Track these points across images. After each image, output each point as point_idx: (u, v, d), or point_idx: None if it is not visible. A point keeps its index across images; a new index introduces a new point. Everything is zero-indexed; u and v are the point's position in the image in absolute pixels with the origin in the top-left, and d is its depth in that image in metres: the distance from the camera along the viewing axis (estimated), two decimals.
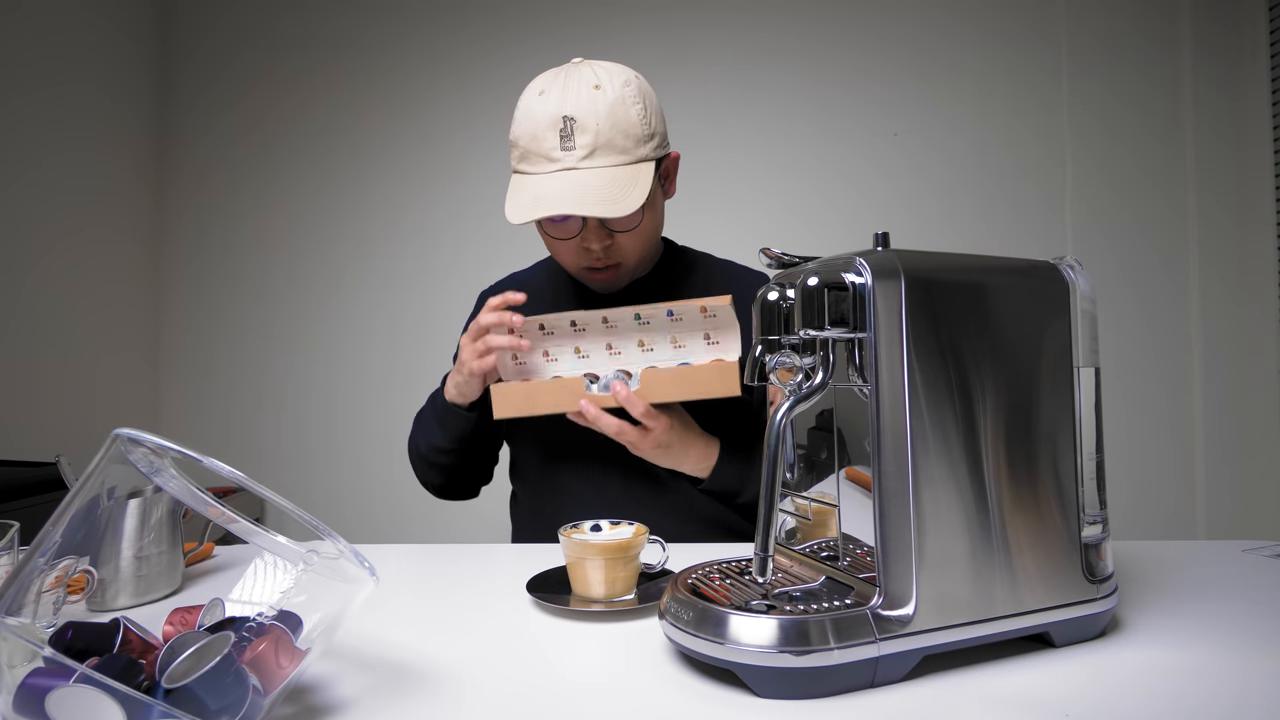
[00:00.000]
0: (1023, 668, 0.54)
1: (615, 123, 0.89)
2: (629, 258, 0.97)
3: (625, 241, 0.95)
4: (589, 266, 0.96)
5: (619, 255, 0.96)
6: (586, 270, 0.97)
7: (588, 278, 0.99)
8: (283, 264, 2.49)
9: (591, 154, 0.88)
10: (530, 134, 0.90)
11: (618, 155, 0.89)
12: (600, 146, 0.88)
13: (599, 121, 0.88)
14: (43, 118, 2.03)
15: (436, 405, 1.01)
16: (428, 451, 1.03)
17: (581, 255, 0.95)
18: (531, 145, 0.90)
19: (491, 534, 1.14)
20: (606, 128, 0.88)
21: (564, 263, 1.00)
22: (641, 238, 0.96)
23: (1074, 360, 0.58)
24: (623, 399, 0.84)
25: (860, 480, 0.55)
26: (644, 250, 0.99)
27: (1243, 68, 2.18)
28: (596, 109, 0.88)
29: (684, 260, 1.10)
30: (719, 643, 0.51)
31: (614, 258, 0.96)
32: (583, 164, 0.88)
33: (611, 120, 0.89)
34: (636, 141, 0.90)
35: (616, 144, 0.89)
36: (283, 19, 2.50)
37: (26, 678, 0.40)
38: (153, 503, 0.72)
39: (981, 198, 2.28)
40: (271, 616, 0.49)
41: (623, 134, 0.89)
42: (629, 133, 0.90)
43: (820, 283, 0.54)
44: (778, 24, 2.34)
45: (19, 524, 0.62)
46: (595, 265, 0.96)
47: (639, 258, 0.99)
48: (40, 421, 1.98)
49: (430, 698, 0.52)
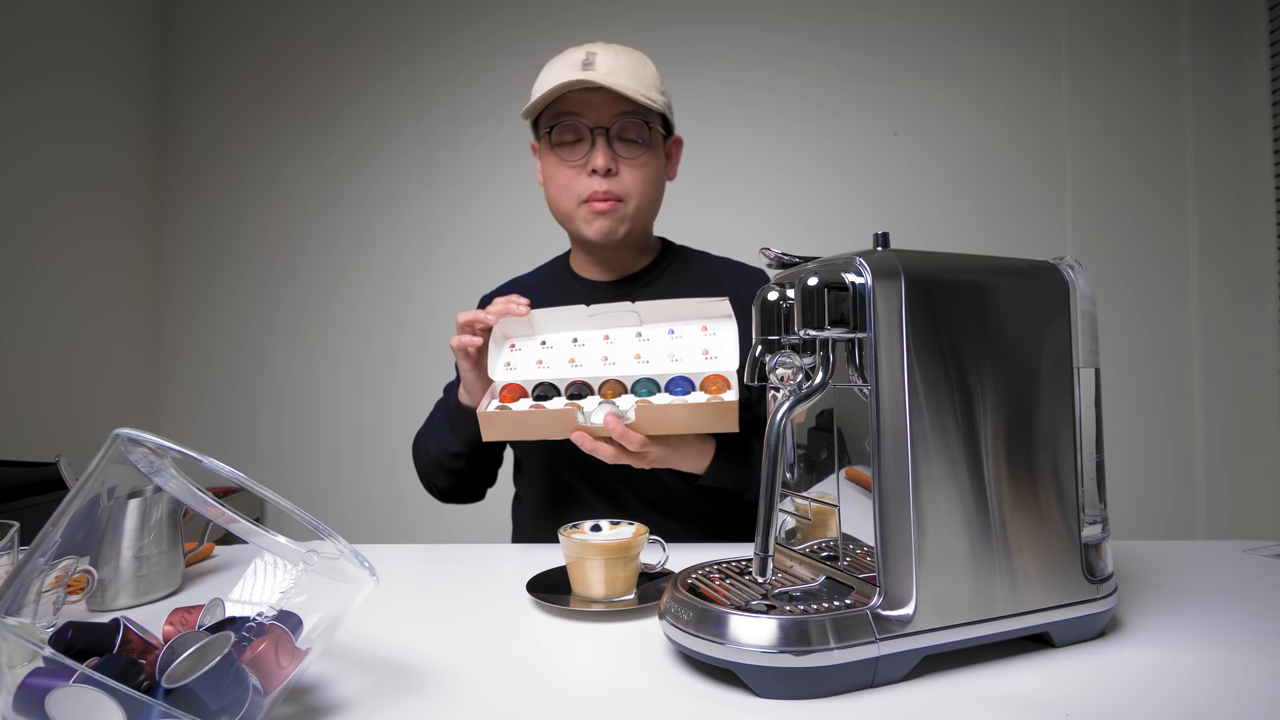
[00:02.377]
0: (1023, 668, 0.54)
1: (632, 67, 0.96)
2: (630, 197, 0.98)
3: (630, 175, 0.97)
4: (590, 200, 0.97)
5: (621, 189, 0.97)
6: (587, 207, 0.97)
7: (588, 216, 0.98)
8: (283, 263, 2.49)
9: (613, 73, 0.94)
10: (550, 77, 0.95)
11: (636, 83, 0.95)
12: (621, 71, 0.94)
13: (617, 58, 0.95)
14: (42, 116, 2.03)
15: (449, 409, 1.00)
16: (438, 455, 1.02)
17: (585, 184, 0.97)
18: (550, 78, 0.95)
19: (491, 534, 1.14)
20: (624, 63, 0.95)
21: (564, 203, 1.00)
22: (644, 183, 0.99)
23: (1074, 360, 0.58)
24: (618, 436, 0.82)
25: (860, 480, 0.55)
26: (643, 200, 1.00)
27: (1243, 68, 2.18)
28: (616, 52, 0.96)
29: (679, 257, 1.10)
30: (719, 643, 0.51)
31: (617, 190, 0.97)
32: (604, 79, 0.93)
33: (629, 62, 0.96)
34: (650, 88, 0.96)
35: (635, 74, 0.95)
36: (283, 16, 2.50)
37: (26, 678, 0.40)
38: (153, 503, 0.72)
39: (981, 198, 2.28)
40: (271, 616, 0.49)
41: (638, 79, 0.95)
42: (644, 79, 0.96)
43: (820, 283, 0.54)
44: (779, 24, 2.34)
45: (19, 524, 0.62)
46: (597, 195, 0.96)
47: (638, 204, 0.99)
48: (40, 421, 1.98)
49: (430, 698, 0.52)
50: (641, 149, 0.97)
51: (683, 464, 0.91)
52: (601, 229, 0.98)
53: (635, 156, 0.97)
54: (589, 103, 0.95)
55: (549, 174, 1.00)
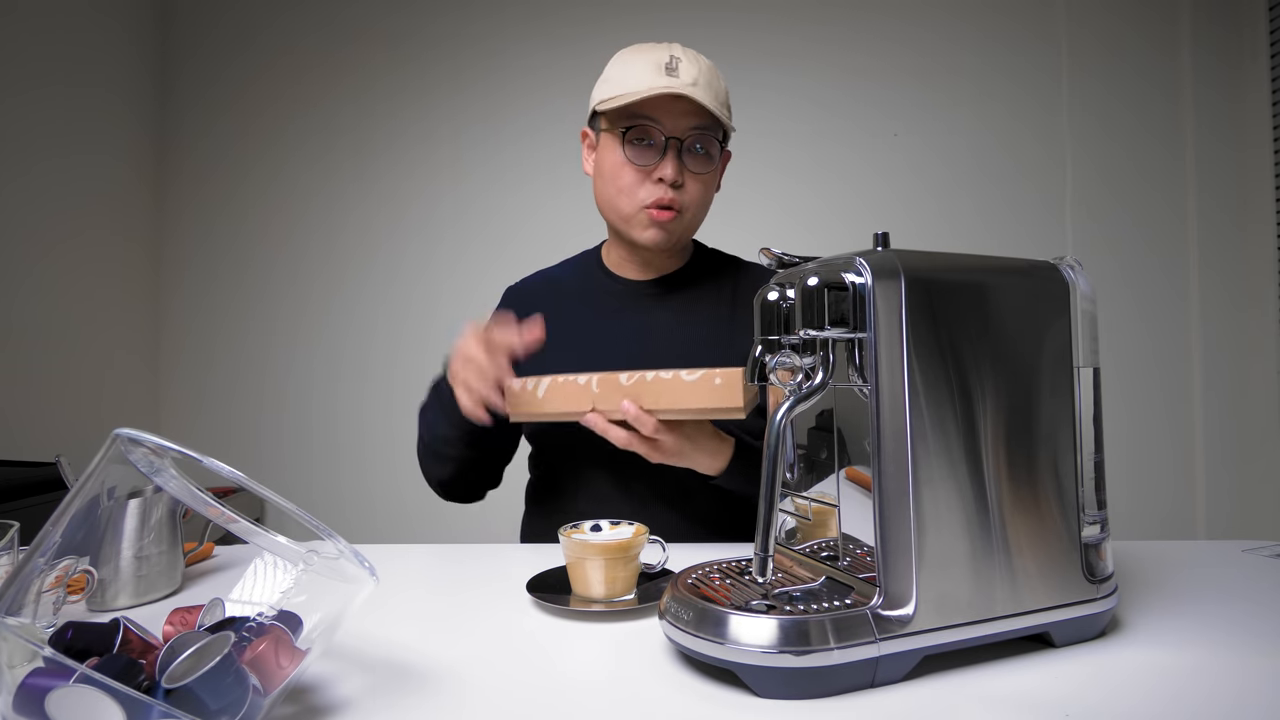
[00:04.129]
0: (1023, 668, 0.54)
1: (711, 80, 0.96)
2: (688, 209, 0.98)
3: (693, 188, 0.98)
4: (654, 205, 0.97)
5: (683, 200, 0.97)
6: (647, 213, 0.97)
7: (646, 222, 0.98)
8: (283, 263, 2.49)
9: (695, 85, 0.93)
10: (633, 75, 0.94)
11: (712, 97, 0.94)
12: (702, 84, 0.94)
13: (699, 66, 0.95)
14: (42, 118, 2.03)
15: (441, 393, 0.97)
16: (432, 442, 1.00)
17: (649, 191, 0.97)
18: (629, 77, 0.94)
19: (492, 534, 1.14)
20: (705, 74, 0.95)
21: (622, 205, 0.99)
22: (704, 194, 1.00)
23: (1074, 360, 0.58)
24: (632, 417, 0.82)
25: (860, 480, 0.55)
26: (698, 212, 1.01)
27: (1242, 69, 2.18)
28: (697, 60, 0.96)
29: (713, 260, 1.11)
30: (719, 643, 0.51)
31: (680, 201, 0.97)
32: (688, 90, 0.92)
33: (709, 75, 0.96)
34: (724, 103, 0.97)
35: (713, 87, 0.95)
36: (283, 17, 2.50)
37: (26, 678, 0.40)
38: (153, 503, 0.72)
39: (981, 198, 2.28)
40: (271, 616, 0.49)
41: (715, 92, 0.95)
42: (719, 93, 0.97)
43: (820, 283, 0.54)
44: (779, 25, 2.35)
45: (19, 524, 0.62)
46: (661, 203, 0.96)
47: (693, 216, 1.00)
48: (40, 421, 1.98)
49: (430, 698, 0.52)
50: (708, 163, 0.98)
51: (699, 460, 0.89)
52: (656, 238, 0.99)
53: (702, 170, 0.98)
54: (669, 110, 0.94)
55: (612, 171, 0.99)
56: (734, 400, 0.80)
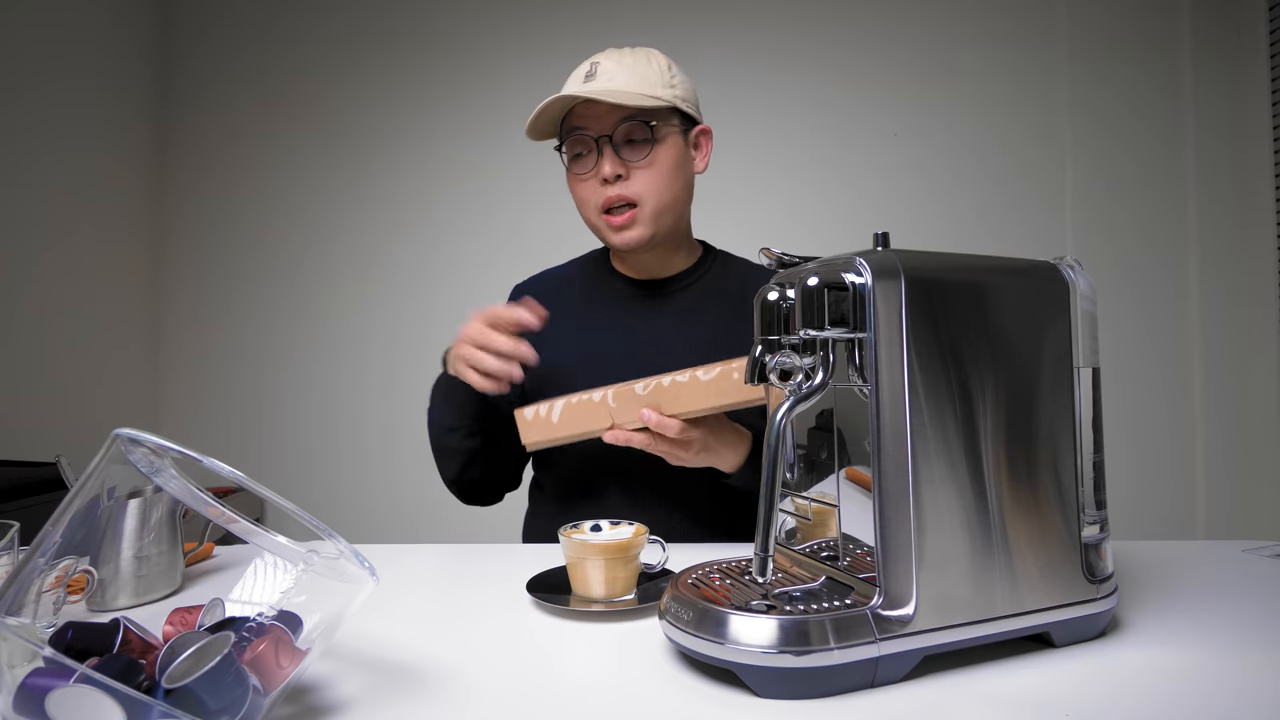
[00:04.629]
0: (1023, 668, 0.54)
1: (635, 68, 0.97)
2: (645, 198, 0.97)
3: (641, 176, 0.97)
4: (605, 208, 0.97)
5: (633, 192, 0.96)
6: (607, 219, 0.98)
7: (606, 227, 0.99)
8: (283, 263, 2.49)
9: (611, 81, 0.94)
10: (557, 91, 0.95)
11: (638, 84, 0.95)
12: (619, 77, 0.95)
13: (620, 62, 0.97)
14: (42, 115, 2.03)
15: (441, 381, 0.99)
16: (438, 433, 1.01)
17: (597, 194, 0.97)
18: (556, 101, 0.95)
19: (492, 534, 1.14)
20: (627, 66, 0.96)
21: (587, 215, 1.01)
22: (658, 180, 0.98)
23: (1074, 360, 0.58)
24: (655, 425, 0.81)
25: (860, 480, 0.55)
26: (662, 198, 0.98)
27: (1242, 69, 2.18)
28: (620, 56, 0.98)
29: (719, 261, 1.11)
30: (719, 643, 0.51)
31: (628, 194, 0.96)
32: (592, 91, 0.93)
33: (632, 63, 0.97)
34: (654, 85, 0.96)
35: (637, 74, 0.96)
36: (283, 16, 2.50)
37: (26, 678, 0.40)
38: (153, 503, 0.72)
39: (981, 198, 2.28)
40: (271, 616, 0.49)
41: (640, 78, 0.95)
42: (647, 77, 0.96)
43: (820, 283, 0.54)
44: (779, 25, 2.35)
45: (19, 524, 0.62)
46: (610, 204, 0.97)
47: (656, 204, 0.98)
48: (40, 421, 1.98)
49: (430, 698, 0.52)
50: (648, 148, 0.96)
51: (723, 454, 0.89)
52: (625, 239, 0.98)
53: (641, 158, 0.96)
54: (591, 114, 0.95)
55: (571, 191, 1.02)
56: (755, 390, 0.79)
